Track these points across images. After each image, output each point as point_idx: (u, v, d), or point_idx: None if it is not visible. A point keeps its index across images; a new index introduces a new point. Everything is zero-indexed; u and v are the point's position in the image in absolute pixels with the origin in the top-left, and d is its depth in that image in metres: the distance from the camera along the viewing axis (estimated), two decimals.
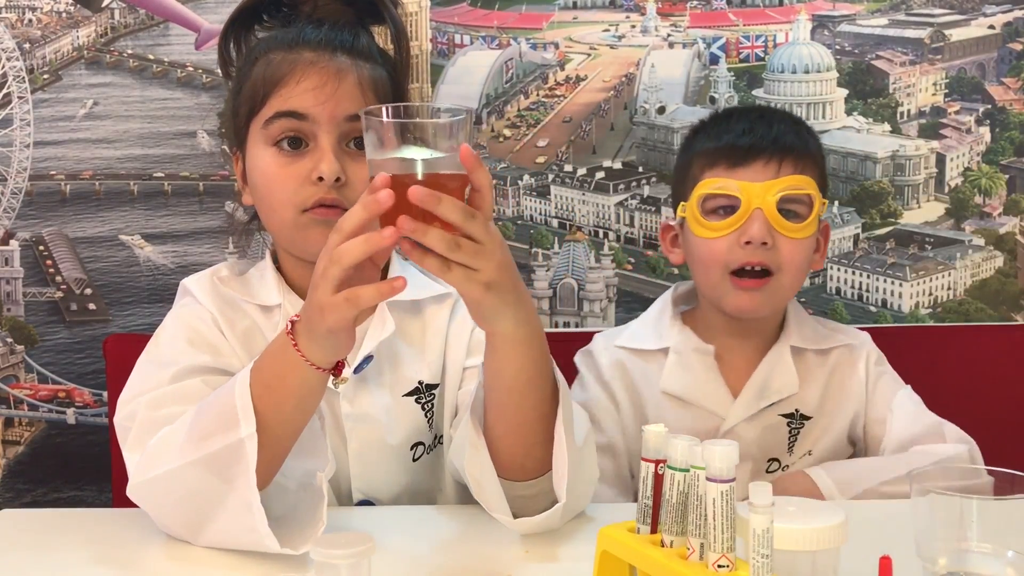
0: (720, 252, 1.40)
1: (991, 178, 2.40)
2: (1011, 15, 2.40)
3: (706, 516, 0.81)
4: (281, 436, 1.06)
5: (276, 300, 1.30)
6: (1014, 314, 2.40)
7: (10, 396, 2.44)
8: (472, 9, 2.46)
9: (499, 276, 0.99)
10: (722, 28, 2.44)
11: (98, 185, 2.44)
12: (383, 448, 1.29)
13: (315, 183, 1.22)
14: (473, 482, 1.14)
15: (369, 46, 1.29)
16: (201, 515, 1.09)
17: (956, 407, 1.74)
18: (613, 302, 2.45)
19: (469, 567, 1.09)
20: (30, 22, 2.46)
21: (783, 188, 1.38)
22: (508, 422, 1.11)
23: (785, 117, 1.49)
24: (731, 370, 1.47)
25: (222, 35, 1.32)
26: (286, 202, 1.23)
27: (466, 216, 0.95)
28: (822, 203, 1.41)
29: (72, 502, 2.39)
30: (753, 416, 1.44)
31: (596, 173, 2.45)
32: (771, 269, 1.39)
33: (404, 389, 1.30)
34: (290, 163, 1.24)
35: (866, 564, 0.88)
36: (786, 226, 1.38)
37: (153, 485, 1.11)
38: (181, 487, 1.08)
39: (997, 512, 0.91)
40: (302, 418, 1.07)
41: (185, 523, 1.11)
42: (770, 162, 1.40)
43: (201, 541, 1.11)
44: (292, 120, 1.23)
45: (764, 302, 1.41)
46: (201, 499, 1.08)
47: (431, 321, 1.34)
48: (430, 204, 0.93)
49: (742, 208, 1.38)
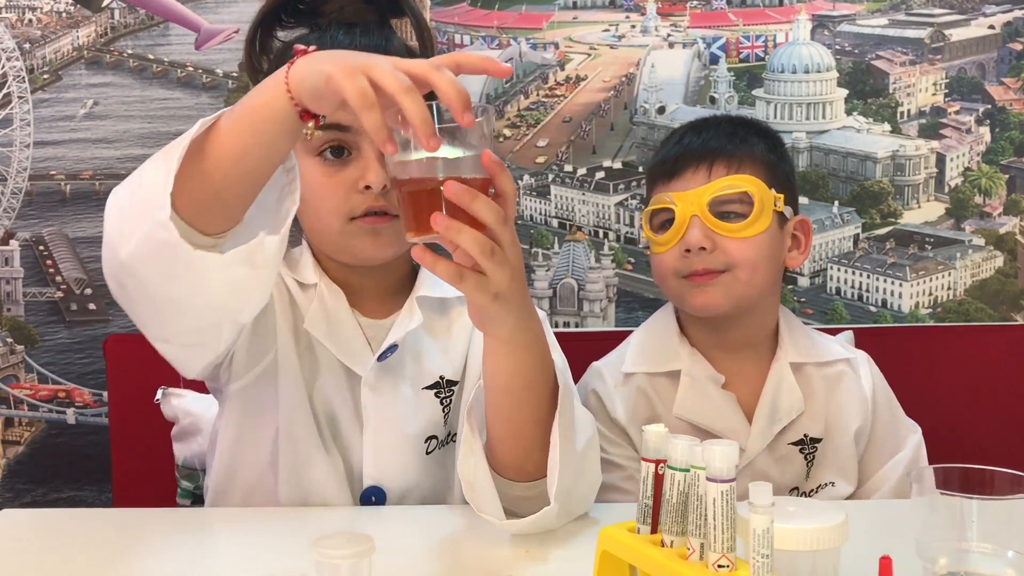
0: (669, 264, 1.42)
1: (991, 178, 2.40)
2: (1011, 15, 2.41)
3: (706, 516, 0.81)
4: (233, 174, 0.99)
5: (314, 279, 1.31)
6: (1014, 314, 2.40)
7: (10, 396, 2.44)
8: (472, 9, 2.46)
9: (510, 286, 0.99)
10: (722, 28, 2.44)
11: (98, 185, 2.44)
12: (398, 437, 1.29)
13: (362, 192, 1.23)
14: (465, 483, 1.14)
15: (401, 48, 1.29)
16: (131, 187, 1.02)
17: (956, 407, 1.74)
18: (613, 302, 2.45)
19: (469, 567, 1.09)
20: (30, 22, 2.46)
21: (713, 192, 1.38)
22: (505, 425, 1.11)
23: (722, 123, 1.47)
24: (735, 391, 1.46)
25: (248, 41, 1.32)
26: (334, 211, 1.24)
27: (499, 219, 0.95)
28: (776, 197, 1.40)
29: (72, 502, 2.39)
30: (771, 446, 1.44)
31: (596, 173, 2.45)
32: (718, 271, 1.39)
33: (425, 382, 1.32)
34: (335, 172, 1.24)
35: (866, 564, 0.88)
36: (726, 227, 1.38)
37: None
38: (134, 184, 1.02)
39: (997, 512, 0.91)
40: (259, 154, 0.99)
41: (117, 210, 1.04)
42: (699, 169, 1.41)
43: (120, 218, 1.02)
44: (335, 132, 1.23)
45: (721, 296, 1.40)
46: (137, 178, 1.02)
47: (457, 319, 1.36)
48: (465, 201, 0.92)
49: (678, 218, 1.39)
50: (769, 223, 1.40)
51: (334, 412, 1.29)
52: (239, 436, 1.29)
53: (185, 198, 0.97)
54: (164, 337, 1.13)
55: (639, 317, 2.32)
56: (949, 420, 1.62)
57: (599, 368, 1.51)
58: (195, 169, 0.98)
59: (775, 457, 1.44)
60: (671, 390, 1.46)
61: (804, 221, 1.48)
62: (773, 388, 1.45)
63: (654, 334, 1.52)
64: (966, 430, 1.69)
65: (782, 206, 1.42)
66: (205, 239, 1.01)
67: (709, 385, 1.45)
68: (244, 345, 1.26)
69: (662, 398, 1.46)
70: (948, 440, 1.50)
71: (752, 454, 1.42)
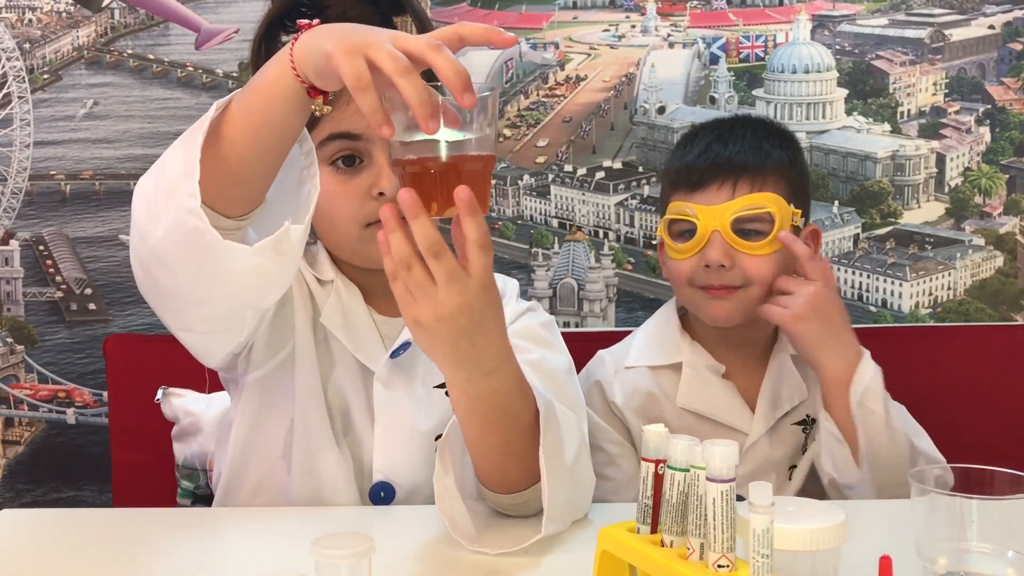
0: (686, 273, 1.43)
1: (991, 178, 2.40)
2: (1011, 15, 2.41)
3: (706, 516, 0.81)
4: (248, 155, 1.01)
5: (330, 276, 1.32)
6: (1014, 314, 2.40)
7: (10, 396, 2.44)
8: (472, 9, 2.46)
9: (435, 325, 0.98)
10: (722, 28, 2.44)
11: (98, 185, 2.44)
12: (408, 433, 1.30)
13: (376, 198, 1.24)
14: (448, 520, 1.11)
15: None
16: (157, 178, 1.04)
17: (956, 407, 1.74)
18: (613, 302, 2.45)
19: (469, 567, 1.09)
20: (30, 22, 2.46)
21: (737, 210, 1.40)
22: (474, 448, 1.11)
23: (747, 132, 1.47)
24: (737, 383, 1.48)
25: (255, 47, 1.32)
26: (350, 218, 1.26)
27: (481, 234, 0.95)
28: (793, 213, 1.42)
29: (72, 502, 2.39)
30: (772, 428, 1.46)
31: (596, 173, 2.45)
32: (736, 287, 1.41)
33: (436, 380, 1.32)
34: (348, 180, 1.25)
35: (866, 564, 0.88)
36: (746, 245, 1.40)
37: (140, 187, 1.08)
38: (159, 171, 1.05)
39: (997, 512, 0.91)
40: (272, 133, 1.00)
41: (143, 196, 1.07)
42: (724, 184, 1.41)
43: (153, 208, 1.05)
44: (347, 141, 1.25)
45: (735, 310, 1.43)
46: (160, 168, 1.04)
47: None
48: (409, 214, 0.92)
49: (699, 232, 1.41)
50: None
51: (347, 406, 1.30)
52: (254, 425, 1.30)
53: (206, 182, 0.98)
54: (187, 326, 1.14)
55: (639, 317, 2.32)
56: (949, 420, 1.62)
57: (603, 355, 1.55)
58: (212, 153, 0.99)
59: (780, 437, 1.47)
60: (674, 382, 1.48)
61: (815, 231, 1.50)
62: (774, 378, 1.47)
63: (657, 330, 1.54)
64: (966, 430, 1.68)
65: (799, 220, 1.44)
66: (229, 222, 1.03)
67: (710, 375, 1.48)
68: (263, 336, 1.27)
69: (665, 391, 1.48)
70: (948, 440, 1.49)
71: (754, 437, 1.45)
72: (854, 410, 1.34)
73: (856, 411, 1.34)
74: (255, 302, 1.13)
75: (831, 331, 1.37)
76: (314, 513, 1.24)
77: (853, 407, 1.34)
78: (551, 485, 1.08)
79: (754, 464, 1.44)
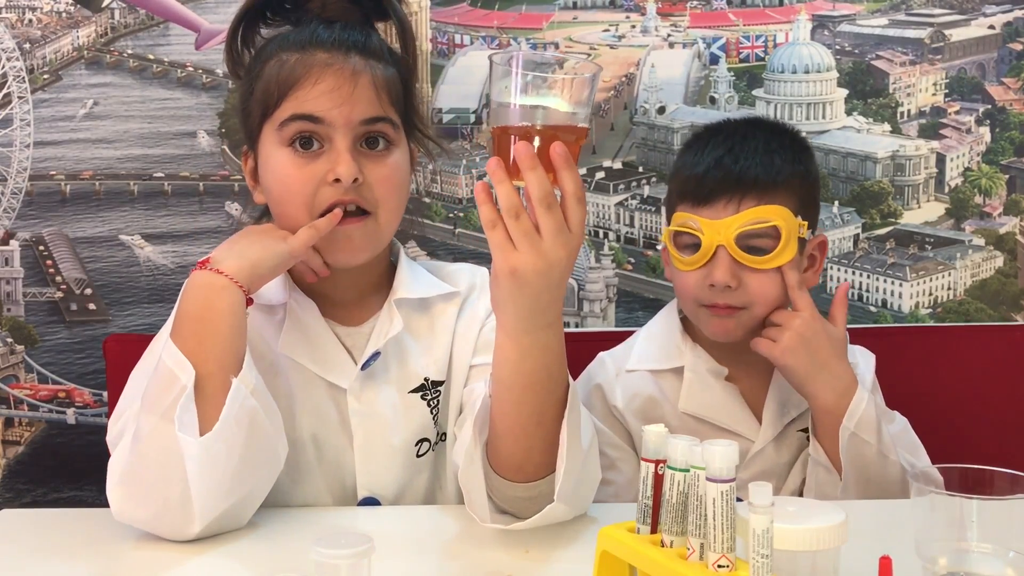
0: (691, 287, 1.42)
1: (991, 178, 2.40)
2: (1011, 15, 2.41)
3: (706, 516, 0.81)
4: (228, 365, 1.12)
5: (281, 298, 1.29)
6: (1014, 314, 2.40)
7: (10, 396, 2.44)
8: (472, 9, 2.46)
9: (533, 270, 0.99)
10: (722, 28, 2.44)
11: (98, 185, 2.44)
12: (388, 445, 1.28)
13: (331, 184, 1.22)
14: (465, 493, 1.14)
15: (380, 46, 1.28)
16: (175, 473, 1.09)
17: (956, 407, 1.74)
18: (613, 302, 2.45)
19: (469, 567, 1.09)
20: (30, 22, 2.46)
21: (743, 224, 1.37)
22: (505, 420, 1.10)
23: (759, 144, 1.42)
24: (740, 384, 1.47)
25: (230, 35, 1.32)
26: (303, 204, 1.23)
27: (578, 187, 0.99)
28: (801, 224, 1.40)
29: (72, 502, 2.39)
30: (778, 435, 1.45)
31: (596, 173, 2.45)
32: (739, 307, 1.40)
33: (410, 385, 1.30)
34: (306, 164, 1.23)
35: (866, 564, 0.88)
36: (752, 260, 1.38)
37: (124, 475, 1.11)
38: (148, 455, 1.10)
39: (997, 512, 0.91)
40: (240, 343, 1.14)
41: (166, 499, 1.10)
42: (731, 200, 1.39)
43: (191, 511, 1.11)
44: (308, 123, 1.22)
45: (737, 328, 1.42)
46: (166, 455, 1.09)
47: (439, 318, 1.34)
48: (524, 163, 0.96)
49: (704, 246, 1.39)
50: (793, 254, 1.40)
51: (321, 430, 1.28)
52: (241, 459, 1.28)
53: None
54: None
55: (639, 317, 2.33)
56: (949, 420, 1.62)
57: (604, 357, 1.53)
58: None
59: (785, 444, 1.46)
60: (676, 386, 1.47)
61: (823, 242, 1.49)
62: (781, 384, 1.45)
63: (658, 332, 1.53)
64: (966, 430, 1.68)
65: (806, 232, 1.42)
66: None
67: (712, 378, 1.46)
68: None
69: (667, 395, 1.47)
70: (948, 440, 1.50)
71: (760, 444, 1.44)
72: (843, 443, 1.33)
73: (847, 443, 1.33)
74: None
75: (819, 362, 1.36)
76: (314, 513, 1.24)
77: (842, 440, 1.33)
78: (568, 463, 1.08)
79: (759, 469, 1.43)
